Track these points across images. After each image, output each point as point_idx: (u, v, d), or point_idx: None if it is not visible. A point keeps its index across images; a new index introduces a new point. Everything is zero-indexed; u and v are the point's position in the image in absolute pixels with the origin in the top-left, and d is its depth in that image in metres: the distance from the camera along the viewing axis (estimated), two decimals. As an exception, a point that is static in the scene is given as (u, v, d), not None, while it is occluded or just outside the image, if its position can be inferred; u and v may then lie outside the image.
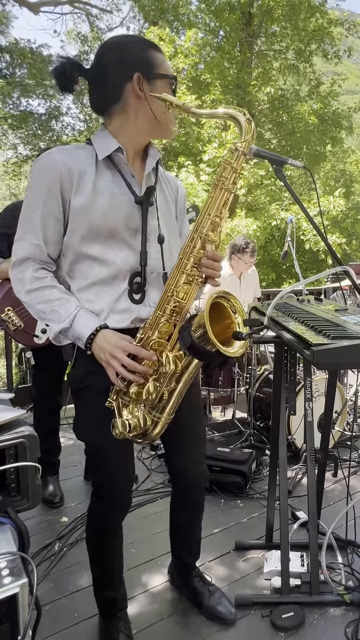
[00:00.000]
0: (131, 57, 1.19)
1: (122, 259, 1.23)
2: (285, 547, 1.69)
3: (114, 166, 1.23)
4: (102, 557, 1.49)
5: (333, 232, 10.30)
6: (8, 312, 2.21)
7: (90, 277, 1.22)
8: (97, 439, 1.29)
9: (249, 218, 9.92)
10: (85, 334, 1.16)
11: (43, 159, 1.20)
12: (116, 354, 1.14)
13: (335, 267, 1.45)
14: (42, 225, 1.19)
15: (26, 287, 1.20)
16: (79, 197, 1.18)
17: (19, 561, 0.78)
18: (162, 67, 1.22)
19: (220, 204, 1.18)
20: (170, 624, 1.62)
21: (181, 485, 1.59)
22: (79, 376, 1.30)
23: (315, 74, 13.42)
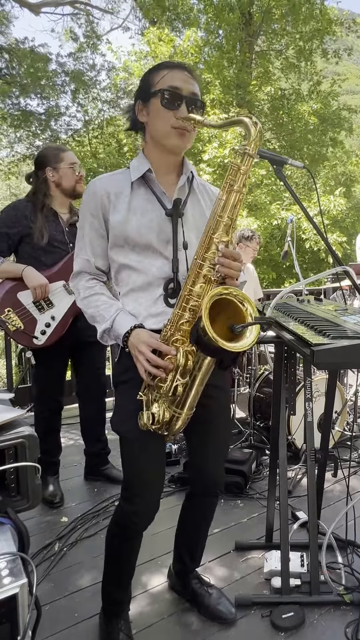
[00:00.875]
0: (139, 86, 1.36)
1: (157, 267, 1.33)
2: (285, 547, 1.69)
3: (147, 185, 1.36)
4: (118, 559, 1.50)
5: (333, 231, 10.31)
6: (8, 312, 2.21)
7: (130, 284, 1.35)
8: (129, 432, 1.33)
9: (250, 217, 9.93)
10: (122, 332, 1.28)
11: (88, 187, 1.38)
12: (141, 349, 1.23)
13: (335, 267, 1.45)
14: (89, 243, 1.37)
15: (80, 295, 1.39)
16: (116, 215, 1.32)
17: (18, 561, 0.78)
18: (157, 84, 1.29)
19: (231, 206, 1.21)
20: (170, 624, 1.62)
21: (200, 489, 1.60)
22: (119, 371, 1.40)
23: (315, 71, 13.40)
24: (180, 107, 1.26)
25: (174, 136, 1.29)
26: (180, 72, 1.30)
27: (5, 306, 2.22)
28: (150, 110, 1.31)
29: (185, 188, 1.40)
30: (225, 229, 1.22)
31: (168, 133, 1.29)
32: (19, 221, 2.23)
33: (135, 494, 1.40)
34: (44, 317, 2.25)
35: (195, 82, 1.32)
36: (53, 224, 2.29)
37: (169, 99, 1.26)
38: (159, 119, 1.29)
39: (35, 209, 2.26)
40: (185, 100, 1.27)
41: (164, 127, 1.29)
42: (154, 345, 1.22)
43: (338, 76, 13.99)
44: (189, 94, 1.28)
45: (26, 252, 2.27)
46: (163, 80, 1.28)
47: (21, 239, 2.25)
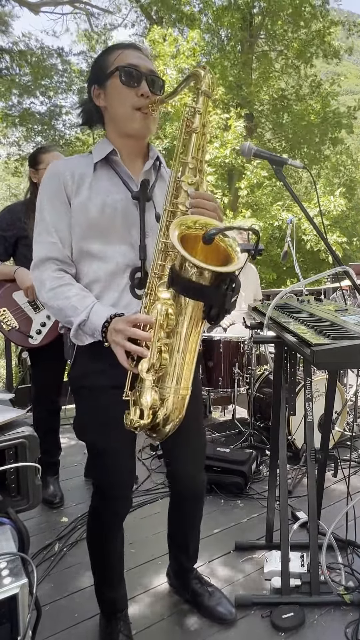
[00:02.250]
0: (91, 71, 1.30)
1: (121, 254, 1.24)
2: (285, 548, 1.69)
3: (111, 167, 1.28)
4: (101, 558, 1.49)
5: (334, 231, 10.32)
6: (3, 312, 2.22)
7: (90, 274, 1.25)
8: (97, 440, 1.29)
9: (252, 218, 9.92)
10: (100, 323, 1.15)
11: (49, 167, 1.28)
12: (119, 327, 1.10)
13: (335, 267, 1.45)
14: (54, 225, 1.24)
15: (46, 286, 1.23)
16: (78, 197, 1.23)
17: (18, 561, 0.78)
18: (113, 64, 1.23)
19: (193, 147, 1.15)
20: (170, 624, 1.62)
21: (181, 492, 1.58)
22: (78, 375, 1.31)
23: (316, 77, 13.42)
24: (140, 84, 1.22)
25: (137, 119, 1.23)
26: (134, 50, 1.26)
27: (0, 306, 2.23)
28: (108, 92, 1.24)
29: (152, 173, 1.34)
30: (192, 172, 1.14)
31: (130, 115, 1.23)
32: (14, 224, 2.24)
33: (107, 496, 1.39)
34: (39, 316, 2.25)
35: (150, 60, 1.27)
36: None
37: (127, 77, 1.21)
38: (119, 98, 1.23)
39: (28, 210, 2.27)
40: (145, 77, 1.22)
41: (125, 108, 1.23)
42: (132, 320, 1.09)
43: (338, 76, 13.99)
44: (148, 71, 1.23)
45: (22, 253, 2.27)
46: (119, 59, 1.23)
47: (17, 241, 2.26)
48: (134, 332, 1.07)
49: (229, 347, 3.17)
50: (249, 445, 3.01)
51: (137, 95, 1.22)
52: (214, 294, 0.98)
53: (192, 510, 1.62)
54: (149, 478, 2.64)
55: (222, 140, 9.89)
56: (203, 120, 1.15)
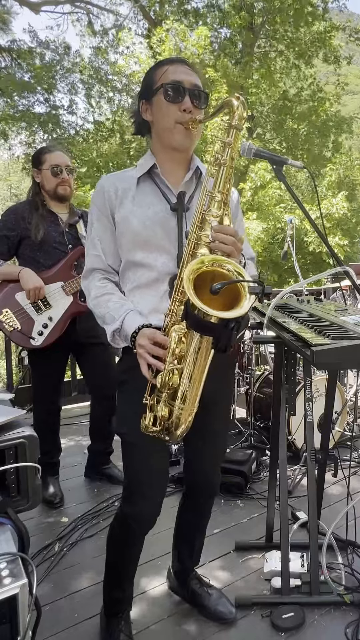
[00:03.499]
0: (141, 86, 1.37)
1: (161, 263, 1.31)
2: (286, 548, 1.69)
3: (153, 180, 1.35)
4: (118, 561, 1.50)
5: (335, 233, 10.33)
6: (6, 313, 2.22)
7: (135, 281, 1.34)
8: (128, 433, 1.33)
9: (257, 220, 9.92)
10: (130, 332, 1.24)
11: (98, 183, 1.38)
12: (142, 342, 1.20)
13: (335, 268, 1.45)
14: (98, 239, 1.36)
15: (91, 295, 1.36)
16: (122, 210, 1.32)
17: (18, 562, 0.78)
18: (158, 81, 1.29)
19: (221, 181, 1.18)
20: (171, 624, 1.62)
21: (196, 491, 1.60)
22: (121, 370, 1.40)
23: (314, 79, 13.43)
24: (183, 99, 1.26)
25: (178, 132, 1.28)
26: (180, 65, 1.30)
27: (3, 307, 2.23)
28: (154, 108, 1.31)
29: (192, 183, 1.39)
30: (217, 205, 1.18)
31: (172, 128, 1.28)
32: (18, 223, 2.24)
33: (135, 497, 1.40)
34: (41, 318, 2.25)
35: (196, 74, 1.31)
36: (52, 225, 2.29)
37: (172, 93, 1.25)
38: (162, 114, 1.28)
39: (31, 209, 2.27)
40: (189, 93, 1.26)
41: (169, 122, 1.27)
42: (152, 337, 1.19)
43: (338, 77, 14.00)
44: (192, 86, 1.27)
45: (26, 253, 2.27)
46: (165, 76, 1.28)
47: (21, 240, 2.26)
48: (151, 348, 1.18)
49: (229, 347, 3.16)
50: (249, 445, 3.01)
51: (180, 110, 1.26)
52: (221, 332, 1.06)
53: (203, 508, 1.64)
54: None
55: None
56: (232, 154, 1.18)
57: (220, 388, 1.30)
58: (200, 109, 1.28)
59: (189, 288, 1.03)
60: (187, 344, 1.14)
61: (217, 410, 1.41)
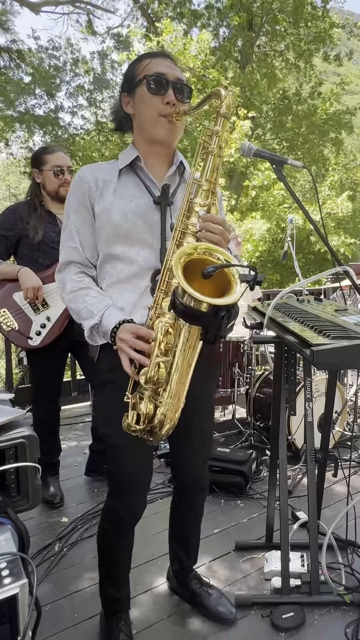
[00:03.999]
0: (123, 80, 1.34)
1: (143, 257, 1.28)
2: (286, 548, 1.69)
3: (135, 173, 1.32)
4: (109, 558, 1.50)
5: (339, 233, 10.37)
6: (3, 313, 2.22)
7: (115, 275, 1.30)
8: (113, 434, 1.28)
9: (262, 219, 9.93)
10: (110, 328, 1.21)
11: (76, 174, 1.34)
12: (124, 336, 1.17)
13: (335, 267, 1.45)
14: (76, 231, 1.31)
15: (67, 288, 1.31)
16: (102, 202, 1.28)
17: (18, 562, 0.78)
18: (141, 74, 1.26)
19: (208, 169, 1.17)
20: (171, 624, 1.62)
21: (185, 483, 1.60)
22: (103, 370, 1.35)
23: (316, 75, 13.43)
24: (167, 92, 1.24)
25: (161, 125, 1.25)
26: (163, 58, 1.28)
27: (0, 307, 2.22)
28: (136, 100, 1.28)
29: (176, 178, 1.37)
30: (205, 194, 1.16)
31: (155, 121, 1.25)
32: (16, 223, 2.24)
33: (123, 495, 1.40)
34: (39, 317, 2.25)
35: (178, 68, 1.29)
36: (50, 225, 2.28)
37: (155, 85, 1.23)
38: (145, 106, 1.25)
39: (30, 209, 2.27)
40: (172, 85, 1.24)
41: (152, 115, 1.25)
42: (135, 331, 1.16)
43: (339, 76, 14.00)
44: (175, 79, 1.25)
45: (24, 253, 2.27)
46: (148, 68, 1.25)
47: (19, 240, 2.26)
48: (134, 342, 1.15)
49: (229, 347, 3.16)
50: (249, 445, 3.01)
51: (164, 103, 1.24)
52: (211, 321, 1.02)
53: (194, 504, 1.64)
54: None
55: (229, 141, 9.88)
56: (220, 143, 1.17)
57: (199, 385, 1.23)
58: (183, 103, 1.26)
59: (178, 272, 0.99)
60: (174, 335, 1.10)
61: (198, 406, 1.37)
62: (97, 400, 1.41)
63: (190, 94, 1.29)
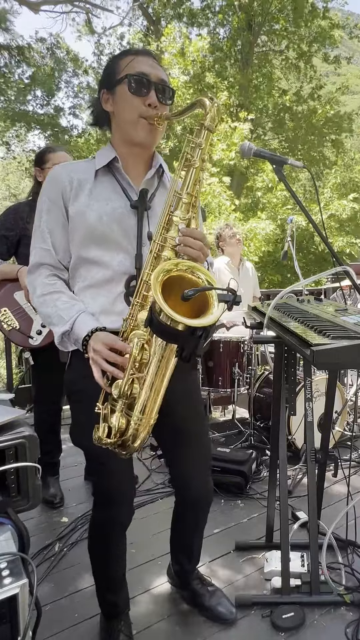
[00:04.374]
0: (102, 75, 1.29)
1: (118, 262, 1.24)
2: (286, 548, 1.69)
3: (112, 175, 1.28)
4: (102, 565, 1.48)
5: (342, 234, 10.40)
6: (4, 312, 2.22)
7: (88, 279, 1.26)
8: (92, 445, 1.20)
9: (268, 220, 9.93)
10: (82, 335, 1.17)
11: (50, 173, 1.29)
12: (97, 347, 1.13)
13: (335, 267, 1.45)
14: (48, 232, 1.26)
15: (37, 292, 1.26)
16: (77, 203, 1.23)
17: (19, 562, 0.78)
18: (124, 70, 1.21)
19: (190, 182, 1.14)
20: (171, 624, 1.62)
21: (186, 499, 1.55)
22: (73, 379, 1.31)
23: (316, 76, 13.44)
24: (149, 93, 1.20)
25: (142, 127, 1.22)
26: (146, 57, 1.24)
27: (1, 306, 2.23)
28: (116, 99, 1.23)
29: (154, 181, 1.33)
30: (185, 207, 1.14)
31: (136, 122, 1.21)
32: (17, 223, 2.24)
33: (108, 505, 1.38)
34: (40, 317, 2.25)
35: (161, 68, 1.26)
36: None
37: (137, 85, 1.19)
38: (126, 106, 1.21)
39: (31, 209, 2.27)
40: (154, 87, 1.20)
41: (132, 115, 1.21)
42: (110, 343, 1.12)
43: (338, 77, 14.00)
44: (158, 80, 1.21)
45: (24, 253, 2.27)
46: (130, 66, 1.21)
47: (20, 240, 2.26)
48: (108, 354, 1.11)
49: (229, 347, 3.16)
50: (249, 445, 3.01)
51: (145, 105, 1.20)
52: (187, 340, 0.99)
53: (198, 516, 1.59)
54: (149, 478, 2.64)
55: (229, 142, 9.89)
56: (203, 155, 1.15)
57: (181, 388, 1.21)
58: (165, 105, 1.23)
59: (157, 291, 0.97)
60: (150, 351, 1.09)
61: (181, 409, 1.32)
62: (71, 410, 1.36)
63: (173, 96, 1.26)
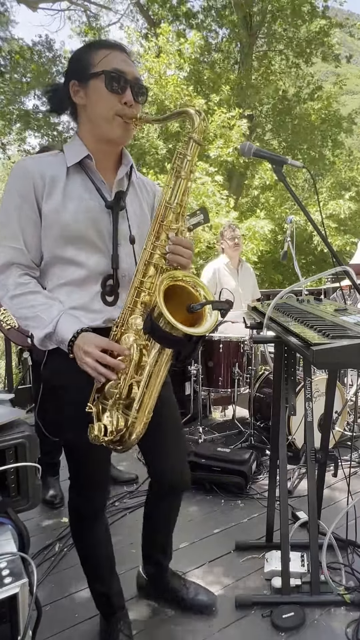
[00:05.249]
0: (71, 65, 1.25)
1: (94, 262, 1.25)
2: (286, 547, 1.69)
3: (84, 172, 1.26)
4: (87, 552, 1.50)
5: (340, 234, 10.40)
6: (4, 311, 2.22)
7: (63, 278, 1.26)
8: (75, 435, 1.25)
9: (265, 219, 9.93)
10: (68, 337, 1.17)
11: (17, 166, 1.25)
12: (89, 349, 1.14)
13: (335, 267, 1.45)
14: (20, 230, 1.22)
15: (9, 293, 1.22)
16: (50, 201, 1.21)
17: (19, 561, 0.78)
18: (98, 65, 1.19)
19: (179, 193, 1.19)
20: (171, 624, 1.62)
21: (163, 492, 1.56)
22: (52, 373, 1.31)
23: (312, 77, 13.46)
24: (125, 92, 1.19)
25: (117, 125, 1.22)
26: (121, 53, 1.22)
27: (0, 305, 2.23)
28: (89, 92, 1.21)
29: (125, 180, 1.34)
30: (174, 217, 1.19)
31: (111, 119, 1.21)
32: None
33: (84, 490, 1.42)
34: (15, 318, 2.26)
35: (134, 65, 1.25)
36: None
37: (114, 83, 1.18)
38: (101, 102, 1.20)
39: None
40: (130, 85, 1.20)
41: (108, 112, 1.20)
42: (104, 345, 1.15)
43: (338, 77, 14.01)
44: (134, 78, 1.21)
45: None
46: (106, 61, 1.19)
47: None
48: (101, 356, 1.14)
49: (229, 347, 3.17)
50: (249, 445, 3.01)
51: (121, 103, 1.20)
52: (186, 345, 1.11)
53: (175, 504, 1.62)
54: (149, 478, 2.63)
55: (226, 139, 9.88)
56: (191, 167, 1.19)
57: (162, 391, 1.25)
58: (139, 104, 1.24)
59: (161, 303, 1.05)
60: (148, 355, 1.15)
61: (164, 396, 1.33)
62: (48, 406, 1.37)
63: (147, 95, 1.27)
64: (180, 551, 1.98)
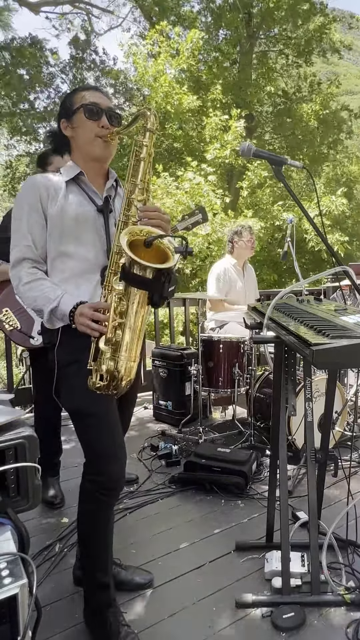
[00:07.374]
0: (60, 109, 1.60)
1: (93, 256, 1.51)
2: (286, 548, 1.69)
3: (79, 186, 1.55)
4: (95, 540, 1.51)
5: (334, 232, 10.33)
6: (6, 312, 2.22)
7: (67, 270, 1.50)
8: (88, 404, 1.42)
9: (254, 218, 9.93)
10: (68, 309, 1.40)
11: (27, 181, 1.55)
12: (83, 311, 1.37)
13: (335, 267, 1.45)
14: (29, 231, 1.49)
15: (23, 280, 1.47)
16: (54, 206, 1.49)
17: (19, 562, 0.78)
18: (79, 102, 1.52)
19: (141, 171, 1.45)
20: (171, 624, 1.62)
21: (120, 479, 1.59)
22: (67, 352, 1.49)
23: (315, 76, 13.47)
24: (101, 118, 1.50)
25: (97, 145, 1.51)
26: (96, 92, 1.56)
27: (3, 306, 2.23)
28: (74, 125, 1.53)
29: (112, 190, 1.63)
30: (140, 191, 1.44)
31: (92, 140, 1.51)
32: None
33: (106, 464, 1.46)
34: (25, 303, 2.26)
35: (109, 100, 1.59)
36: None
37: (91, 111, 1.50)
38: (84, 129, 1.51)
39: None
40: (105, 112, 1.51)
41: (89, 135, 1.51)
42: (93, 305, 1.37)
43: (336, 76, 14.03)
44: (107, 108, 1.53)
45: None
46: (84, 98, 1.53)
47: None
48: (92, 314, 1.35)
49: (229, 347, 3.17)
50: (249, 445, 3.01)
51: (99, 127, 1.50)
52: (155, 285, 1.30)
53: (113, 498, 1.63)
54: (149, 479, 2.64)
55: (222, 142, 9.91)
56: (149, 151, 1.47)
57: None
58: (114, 126, 1.52)
59: (126, 247, 1.25)
60: (127, 300, 1.34)
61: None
62: (63, 383, 1.53)
63: (120, 119, 1.56)
64: (180, 551, 1.98)
